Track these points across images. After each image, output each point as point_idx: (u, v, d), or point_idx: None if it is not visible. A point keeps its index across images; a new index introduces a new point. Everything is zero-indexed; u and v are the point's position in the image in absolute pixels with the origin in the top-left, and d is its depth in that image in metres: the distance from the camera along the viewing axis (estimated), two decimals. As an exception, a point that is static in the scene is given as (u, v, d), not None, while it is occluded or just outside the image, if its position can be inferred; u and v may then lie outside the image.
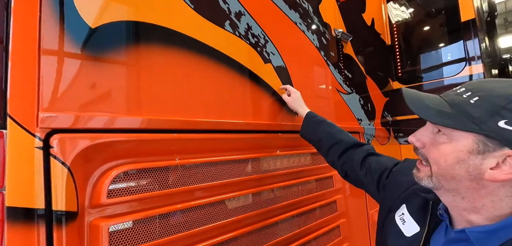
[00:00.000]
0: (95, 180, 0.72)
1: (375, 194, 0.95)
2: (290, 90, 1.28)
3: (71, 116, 0.66)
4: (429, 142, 0.61)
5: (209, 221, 0.93)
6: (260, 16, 1.22)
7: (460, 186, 0.57)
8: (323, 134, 1.14)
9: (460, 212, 0.61)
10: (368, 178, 0.96)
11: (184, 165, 0.90)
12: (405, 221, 0.74)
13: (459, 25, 2.18)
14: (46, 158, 0.62)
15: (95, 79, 0.72)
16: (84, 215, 0.69)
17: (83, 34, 0.70)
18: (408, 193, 0.78)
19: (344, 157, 1.06)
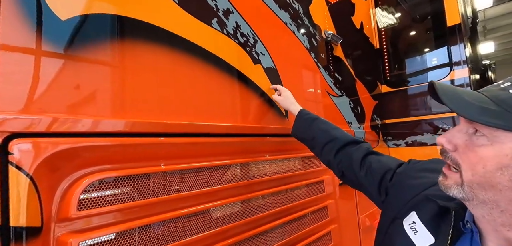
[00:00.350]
0: (63, 190, 0.64)
1: (376, 197, 0.86)
2: (280, 89, 1.22)
3: (34, 119, 0.58)
4: (462, 144, 0.53)
5: (194, 232, 0.86)
6: (250, 15, 1.18)
7: (500, 197, 0.49)
8: (316, 132, 1.06)
9: (496, 227, 0.52)
10: (368, 179, 0.87)
11: (166, 172, 0.83)
12: (417, 231, 0.65)
13: (445, 30, 2.22)
14: (4, 166, 0.54)
15: (63, 78, 0.64)
16: (50, 230, 0.61)
17: (51, 27, 0.63)
18: (419, 199, 0.69)
19: (341, 155, 0.97)
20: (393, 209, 0.74)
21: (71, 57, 0.66)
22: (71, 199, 0.63)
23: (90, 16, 0.70)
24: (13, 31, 0.58)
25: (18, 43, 0.59)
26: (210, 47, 0.99)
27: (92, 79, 0.69)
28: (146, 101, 0.80)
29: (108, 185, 0.70)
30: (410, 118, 2.37)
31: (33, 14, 0.61)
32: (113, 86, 0.73)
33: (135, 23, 0.79)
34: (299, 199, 1.35)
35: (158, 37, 0.84)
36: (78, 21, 0.68)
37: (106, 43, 0.73)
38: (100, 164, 0.70)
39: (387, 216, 0.76)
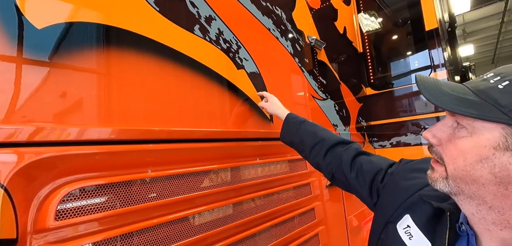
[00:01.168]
0: (40, 200, 0.63)
1: (368, 199, 0.83)
2: (266, 96, 1.22)
3: (8, 128, 0.57)
4: (446, 137, 0.51)
5: (180, 238, 0.86)
6: (232, 21, 1.19)
7: (485, 192, 0.46)
8: (305, 134, 1.04)
9: (488, 227, 0.49)
10: (359, 180, 0.84)
11: (149, 178, 0.82)
12: (412, 235, 0.61)
13: (424, 34, 2.31)
14: (-24, 177, 0.53)
15: (39, 85, 0.64)
16: (26, 242, 0.60)
17: (26, 36, 0.62)
18: (412, 201, 0.65)
19: (330, 156, 0.95)
20: (386, 212, 0.70)
21: (49, 65, 0.66)
22: (48, 209, 0.61)
23: (66, 25, 0.70)
24: (-13, 41, 0.57)
25: (-8, 53, 0.58)
26: (193, 54, 1.00)
27: (68, 86, 0.69)
28: (127, 109, 0.80)
29: (88, 194, 0.69)
30: (394, 120, 2.44)
31: (9, 24, 0.61)
32: (90, 94, 0.73)
33: (114, 31, 0.79)
34: (286, 202, 1.36)
35: (138, 44, 0.84)
36: (54, 30, 0.67)
37: (83, 51, 0.73)
38: (78, 173, 0.69)
39: (380, 220, 0.72)
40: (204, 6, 1.07)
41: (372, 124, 2.51)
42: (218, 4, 1.13)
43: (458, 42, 4.14)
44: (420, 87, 0.53)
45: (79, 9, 0.73)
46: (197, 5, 1.04)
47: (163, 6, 0.92)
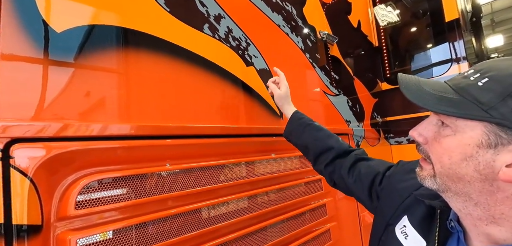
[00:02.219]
0: (62, 190, 0.68)
1: (368, 203, 0.84)
2: (281, 81, 1.14)
3: (33, 125, 0.63)
4: (431, 136, 0.52)
5: (193, 229, 0.90)
6: (241, 19, 1.21)
7: (471, 189, 0.47)
8: (310, 139, 1.02)
9: (474, 223, 0.50)
10: (357, 185, 0.86)
11: (163, 172, 0.87)
12: (407, 235, 0.62)
13: (444, 26, 2.21)
14: (6, 169, 0.59)
15: (59, 86, 0.69)
16: (50, 228, 0.66)
17: (47, 39, 0.68)
18: (408, 202, 0.66)
19: (332, 165, 0.96)
20: (385, 215, 0.71)
21: (68, 66, 0.71)
22: (69, 199, 0.67)
23: (83, 28, 0.75)
24: (13, 44, 0.63)
25: (18, 55, 0.64)
26: (202, 52, 1.03)
27: (86, 85, 0.74)
28: (142, 106, 0.84)
29: (105, 186, 0.74)
30: (412, 115, 2.36)
31: (32, 28, 0.66)
32: (107, 92, 0.78)
33: (127, 33, 0.83)
34: (298, 197, 1.37)
35: (150, 44, 0.88)
36: (73, 33, 0.72)
37: (101, 53, 0.78)
38: (96, 166, 0.74)
39: (380, 223, 0.73)
40: (213, 5, 1.10)
41: (388, 120, 2.45)
42: (227, 2, 1.15)
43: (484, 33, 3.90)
44: (401, 88, 0.53)
45: (95, 13, 0.78)
46: (206, 4, 1.07)
47: (173, 6, 0.96)
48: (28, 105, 0.64)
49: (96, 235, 0.70)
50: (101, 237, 0.71)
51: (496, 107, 0.42)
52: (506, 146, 0.43)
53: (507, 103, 0.42)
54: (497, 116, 0.42)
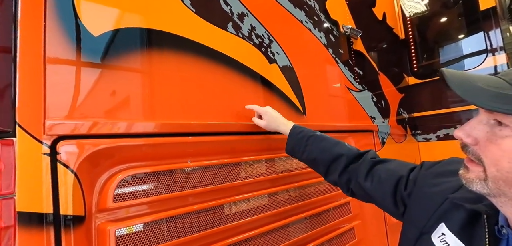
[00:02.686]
0: (101, 184, 0.73)
1: (392, 209, 0.79)
2: (259, 111, 1.06)
3: (77, 123, 0.68)
4: (483, 137, 0.47)
5: (219, 223, 0.93)
6: (264, 16, 1.22)
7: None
8: (316, 152, 0.96)
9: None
10: (379, 192, 0.80)
11: (190, 168, 0.90)
12: (448, 243, 0.58)
13: (478, 15, 2.06)
14: (53, 164, 0.64)
15: (99, 87, 0.74)
16: (91, 219, 0.71)
17: (86, 42, 0.73)
18: (445, 208, 0.62)
19: (347, 173, 0.90)
20: (418, 223, 0.66)
21: (105, 67, 0.76)
22: (108, 192, 0.72)
23: (118, 31, 0.79)
24: (57, 48, 0.69)
25: (61, 58, 0.69)
26: (227, 51, 1.05)
27: (124, 86, 0.78)
28: (172, 104, 0.88)
29: (138, 180, 0.79)
30: (442, 111, 2.23)
31: (72, 33, 0.71)
32: (142, 92, 0.82)
33: (156, 34, 0.87)
34: (321, 195, 1.36)
35: (177, 45, 0.92)
36: (108, 36, 0.77)
37: (134, 54, 0.82)
38: (132, 161, 0.79)
39: (412, 231, 0.68)
40: (236, 4, 1.11)
41: (415, 116, 2.34)
42: (251, 0, 1.16)
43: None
44: (450, 84, 0.48)
45: (127, 16, 0.82)
46: (230, 3, 1.08)
47: (199, 6, 0.98)
48: (71, 105, 0.69)
49: (132, 226, 0.75)
50: (136, 229, 0.75)
51: None
52: None
53: None
54: None
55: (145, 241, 0.76)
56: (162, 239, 0.79)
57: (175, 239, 0.81)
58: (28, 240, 0.60)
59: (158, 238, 0.78)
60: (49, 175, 0.63)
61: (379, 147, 1.85)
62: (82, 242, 0.68)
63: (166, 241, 0.80)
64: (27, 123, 0.62)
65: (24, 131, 0.62)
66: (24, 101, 0.62)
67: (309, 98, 1.37)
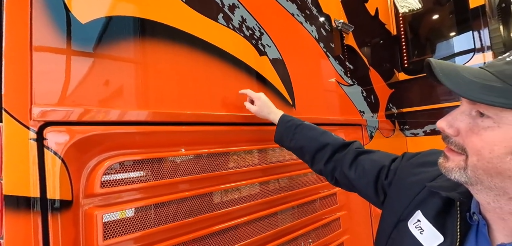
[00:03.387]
0: (89, 170, 0.75)
1: (374, 198, 0.82)
2: (252, 96, 1.08)
3: (63, 110, 0.69)
4: (466, 127, 0.48)
5: (206, 211, 0.95)
6: (255, 9, 1.22)
7: (509, 184, 0.45)
8: (303, 140, 0.99)
9: (503, 216, 0.49)
10: (362, 181, 0.83)
11: (178, 156, 0.92)
12: (423, 229, 0.60)
13: (468, 13, 2.10)
14: (40, 149, 0.65)
15: (87, 74, 0.74)
16: (79, 203, 0.72)
17: (73, 30, 0.73)
18: (422, 196, 0.64)
19: (332, 162, 0.93)
20: (396, 211, 0.69)
21: (92, 55, 0.76)
22: (95, 178, 0.73)
23: (106, 19, 0.79)
24: (43, 35, 0.69)
25: (48, 45, 0.69)
26: (217, 42, 1.06)
27: (111, 74, 0.79)
28: (159, 94, 0.89)
29: (126, 167, 0.80)
30: (430, 106, 2.29)
31: (59, 20, 0.71)
32: (129, 81, 0.83)
33: (147, 23, 0.87)
34: (308, 185, 1.40)
35: (167, 35, 0.92)
36: (96, 24, 0.77)
37: (121, 42, 0.82)
38: (118, 149, 0.80)
39: (390, 219, 0.70)
40: (227, -5, 1.11)
41: (404, 111, 2.39)
42: (242, -8, 1.17)
43: (513, 20, 3.66)
44: (439, 75, 0.47)
45: (115, 4, 0.82)
46: (221, -6, 1.09)
47: (189, -2, 0.98)
48: (58, 92, 0.70)
49: (120, 212, 0.77)
50: (124, 214, 0.77)
51: None
52: None
53: None
54: None
55: (132, 226, 0.78)
56: (150, 224, 0.81)
57: (163, 225, 0.84)
58: (16, 223, 0.62)
59: (146, 223, 0.80)
60: (36, 160, 0.64)
61: (367, 140, 1.89)
62: (69, 226, 0.69)
63: (153, 227, 0.82)
64: (14, 109, 0.63)
65: (10, 116, 0.62)
66: (10, 87, 0.63)
67: (299, 91, 1.39)
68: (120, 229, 0.76)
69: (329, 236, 1.45)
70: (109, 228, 0.74)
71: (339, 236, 1.52)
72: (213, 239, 0.96)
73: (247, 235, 1.07)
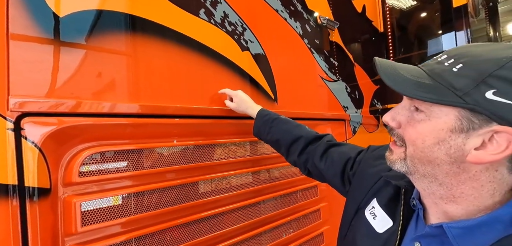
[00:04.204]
0: (68, 159, 0.77)
1: (341, 188, 0.88)
2: (230, 94, 1.13)
3: (40, 101, 0.71)
4: (405, 120, 0.53)
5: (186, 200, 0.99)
6: (238, 4, 1.24)
7: (438, 171, 0.50)
8: (279, 133, 1.04)
9: (435, 201, 0.54)
10: (330, 171, 0.88)
11: (158, 148, 0.95)
12: (376, 215, 0.65)
13: (451, 13, 2.15)
14: (18, 139, 0.68)
15: (64, 66, 0.76)
16: (57, 192, 0.75)
17: (50, 22, 0.74)
18: (378, 185, 0.70)
19: (305, 154, 0.98)
20: (356, 199, 0.74)
21: (70, 47, 0.78)
22: (74, 167, 0.76)
23: (83, 12, 0.81)
24: (21, 27, 0.70)
25: (25, 36, 0.71)
26: (198, 37, 1.08)
27: (89, 66, 0.81)
28: (138, 86, 0.92)
29: (106, 158, 0.83)
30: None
31: (36, 13, 0.73)
32: (107, 73, 0.85)
33: (125, 17, 0.89)
34: (291, 177, 1.44)
35: (147, 29, 0.94)
36: (73, 17, 0.79)
37: (99, 35, 0.84)
38: (98, 140, 0.83)
39: (351, 207, 0.75)
40: (210, -10, 1.13)
41: (388, 107, 2.45)
42: (225, -13, 1.18)
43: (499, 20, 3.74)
44: (380, 73, 0.52)
45: None
46: (203, -10, 1.11)
47: (170, -8, 1.00)
48: (35, 83, 0.72)
49: (99, 200, 0.80)
50: (103, 203, 0.80)
51: (470, 94, 0.44)
52: (477, 130, 0.45)
53: (480, 89, 0.43)
54: (471, 102, 0.44)
55: (110, 214, 0.81)
56: (128, 212, 0.85)
57: (142, 213, 0.87)
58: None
59: (123, 211, 0.84)
60: (13, 149, 0.67)
61: (351, 135, 1.94)
62: (47, 212, 0.72)
63: (132, 215, 0.85)
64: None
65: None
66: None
67: (281, 86, 1.43)
68: (98, 216, 0.79)
69: (309, 226, 1.51)
70: (87, 216, 0.77)
71: (319, 227, 1.58)
72: (192, 227, 1.00)
73: (229, 223, 1.12)
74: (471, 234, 0.48)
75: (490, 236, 0.47)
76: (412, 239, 0.57)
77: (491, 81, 0.42)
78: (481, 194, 0.48)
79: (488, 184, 0.48)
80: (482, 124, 0.44)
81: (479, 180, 0.48)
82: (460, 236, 0.49)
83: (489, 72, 0.43)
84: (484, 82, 0.43)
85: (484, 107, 0.43)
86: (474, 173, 0.47)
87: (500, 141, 0.44)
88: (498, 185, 0.48)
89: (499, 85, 0.42)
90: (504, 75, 0.42)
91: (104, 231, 0.80)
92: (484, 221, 0.48)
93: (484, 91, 0.43)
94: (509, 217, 0.46)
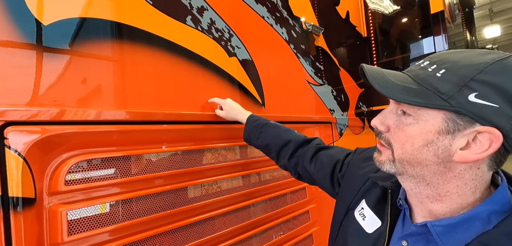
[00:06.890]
0: (53, 168, 0.76)
1: (330, 190, 0.90)
2: (219, 103, 1.15)
3: (24, 110, 0.70)
4: (393, 124, 0.55)
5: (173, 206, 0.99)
6: (225, 11, 1.27)
7: (426, 171, 0.52)
8: (269, 138, 1.06)
9: (421, 200, 0.56)
10: (320, 174, 0.90)
11: (144, 154, 0.95)
12: (365, 216, 0.67)
13: (429, 19, 2.26)
14: (1, 148, 0.66)
15: (47, 74, 0.76)
16: (42, 201, 0.74)
17: (34, 30, 0.74)
18: (367, 186, 0.72)
19: (295, 157, 1.00)
20: (346, 201, 0.76)
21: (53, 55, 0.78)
22: (59, 176, 0.75)
23: (67, 21, 0.81)
24: (6, 37, 0.70)
25: (10, 47, 0.70)
26: (185, 44, 1.09)
27: (73, 74, 0.81)
28: (126, 94, 0.92)
29: (92, 166, 0.83)
30: (398, 105, 2.42)
31: (21, 22, 0.72)
32: (92, 81, 0.85)
33: (110, 25, 0.89)
34: (280, 180, 1.46)
35: (133, 36, 0.95)
36: (57, 25, 0.79)
37: (85, 43, 0.84)
38: (84, 148, 0.82)
39: (341, 208, 0.77)
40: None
41: (373, 109, 2.53)
42: (211, -6, 1.20)
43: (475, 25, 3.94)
44: (370, 80, 0.54)
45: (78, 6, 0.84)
46: (190, -3, 1.12)
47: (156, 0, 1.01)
48: (19, 92, 0.71)
49: (86, 209, 0.79)
50: (90, 211, 0.80)
51: (454, 97, 0.46)
52: (462, 131, 0.48)
53: (463, 92, 0.46)
54: (456, 105, 0.46)
55: (97, 222, 0.81)
56: (115, 220, 0.84)
57: (130, 220, 0.87)
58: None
59: (111, 219, 0.83)
60: (-4, 159, 0.66)
61: (337, 137, 1.99)
62: (33, 222, 0.71)
63: (121, 222, 0.85)
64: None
65: (-31, 116, 0.63)
66: (-32, 87, 0.64)
67: (269, 91, 1.46)
68: (85, 225, 0.78)
69: (299, 227, 1.53)
70: (74, 225, 0.76)
71: (309, 228, 1.61)
72: (182, 233, 1.00)
73: (220, 227, 1.12)
74: (453, 231, 0.51)
75: (471, 233, 0.50)
76: (399, 238, 0.59)
77: (473, 85, 0.45)
78: (465, 191, 0.51)
79: (471, 182, 0.50)
80: (466, 125, 0.47)
81: (463, 178, 0.50)
82: (443, 234, 0.51)
83: (471, 77, 0.46)
84: (467, 86, 0.46)
85: (467, 110, 0.46)
86: (459, 172, 0.50)
87: (483, 140, 0.47)
88: (479, 182, 0.51)
89: (480, 89, 0.45)
90: (484, 79, 0.45)
91: (92, 239, 0.79)
92: (464, 219, 0.50)
93: (467, 94, 0.46)
94: (487, 214, 0.50)
